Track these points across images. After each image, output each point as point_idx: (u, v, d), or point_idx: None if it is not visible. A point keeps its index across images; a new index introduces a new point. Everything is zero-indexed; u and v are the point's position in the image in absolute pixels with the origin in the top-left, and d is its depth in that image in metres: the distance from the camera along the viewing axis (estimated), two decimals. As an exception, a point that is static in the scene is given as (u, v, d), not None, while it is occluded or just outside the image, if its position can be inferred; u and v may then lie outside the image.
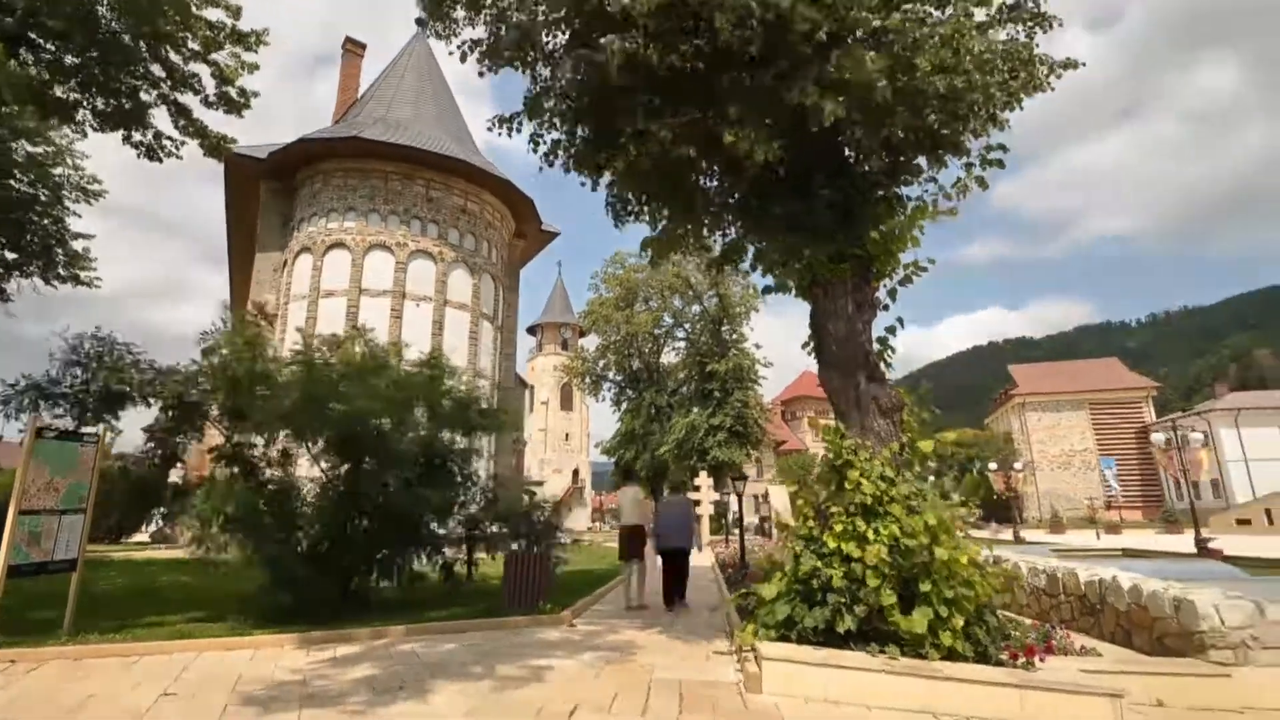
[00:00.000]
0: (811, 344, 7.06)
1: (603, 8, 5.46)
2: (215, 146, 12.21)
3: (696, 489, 30.95)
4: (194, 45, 11.63)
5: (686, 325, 43.01)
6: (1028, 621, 7.63)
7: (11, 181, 14.78)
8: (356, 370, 8.35)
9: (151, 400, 8.32)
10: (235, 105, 11.76)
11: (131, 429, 10.50)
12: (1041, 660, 5.28)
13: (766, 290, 7.23)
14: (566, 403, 62.77)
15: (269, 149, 20.00)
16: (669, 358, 46.63)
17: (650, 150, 6.13)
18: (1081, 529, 45.12)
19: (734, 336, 39.64)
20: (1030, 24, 7.05)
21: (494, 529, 9.84)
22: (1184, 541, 27.10)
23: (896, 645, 5.16)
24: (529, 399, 65.17)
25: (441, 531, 9.81)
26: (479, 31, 6.50)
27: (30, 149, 16.00)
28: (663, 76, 6.12)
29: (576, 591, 9.62)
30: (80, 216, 17.13)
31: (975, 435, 66.73)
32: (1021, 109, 7.37)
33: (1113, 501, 53.66)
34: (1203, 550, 16.65)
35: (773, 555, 10.67)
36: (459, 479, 9.12)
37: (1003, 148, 7.37)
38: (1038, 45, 7.14)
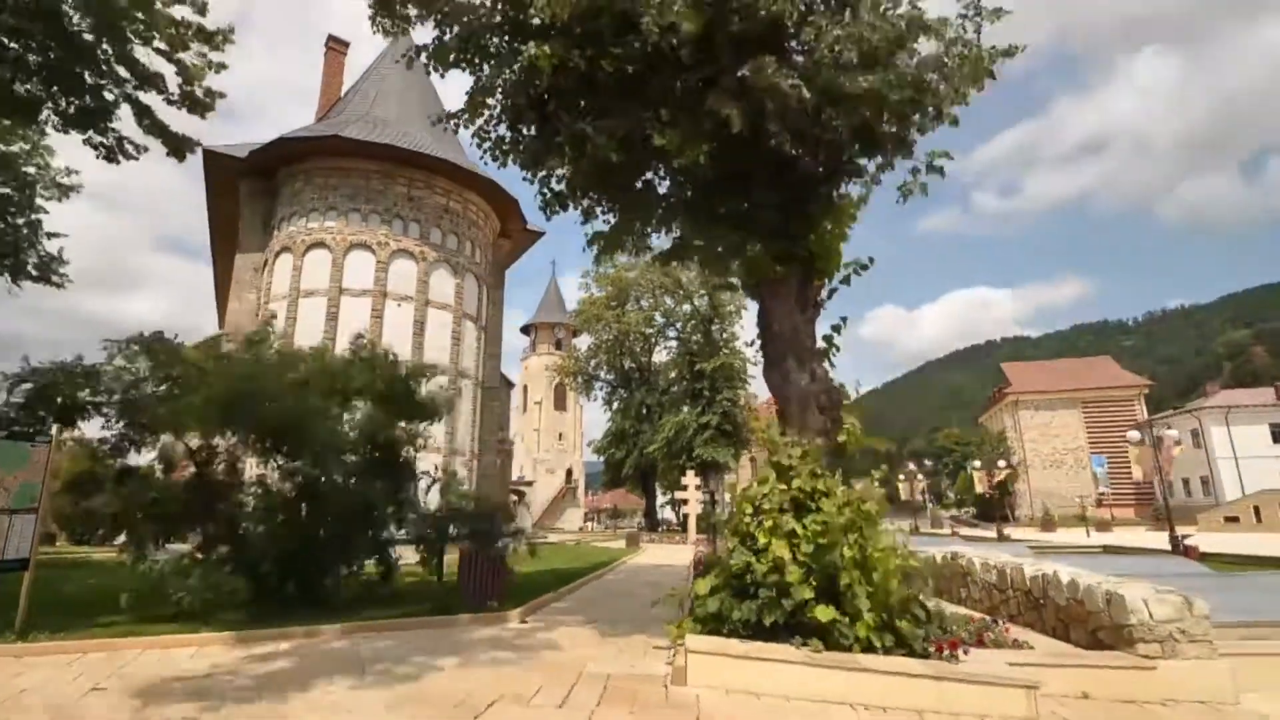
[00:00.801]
0: (759, 342, 7.12)
1: (527, 16, 5.54)
2: (178, 147, 12.21)
3: (684, 488, 30.97)
4: (160, 44, 11.63)
5: (677, 325, 43.18)
6: (979, 615, 7.72)
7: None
8: (263, 366, 8.36)
9: (105, 410, 8.39)
10: (200, 105, 11.76)
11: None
12: (965, 653, 5.34)
13: (716, 288, 7.28)
14: (560, 402, 62.81)
15: (249, 148, 20.02)
16: (660, 357, 46.88)
17: (587, 151, 6.19)
18: (1073, 527, 45.25)
19: (725, 336, 39.80)
20: (976, 17, 7.12)
21: (453, 529, 9.84)
22: (1241, 540, 27.17)
23: (821, 638, 5.23)
24: (523, 399, 65.29)
25: (400, 532, 9.84)
26: (424, 34, 6.56)
27: (2, 148, 16.01)
28: (598, 81, 6.20)
29: (540, 590, 9.68)
30: (49, 213, 17.21)
31: (954, 436, 66.96)
32: (966, 104, 7.47)
33: (1104, 499, 53.77)
34: (1177, 548, 16.72)
35: (717, 552, 10.74)
36: (407, 474, 9.11)
37: (946, 155, 7.46)
38: (977, 36, 7.23)
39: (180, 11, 11.73)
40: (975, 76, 7.00)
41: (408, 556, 10.30)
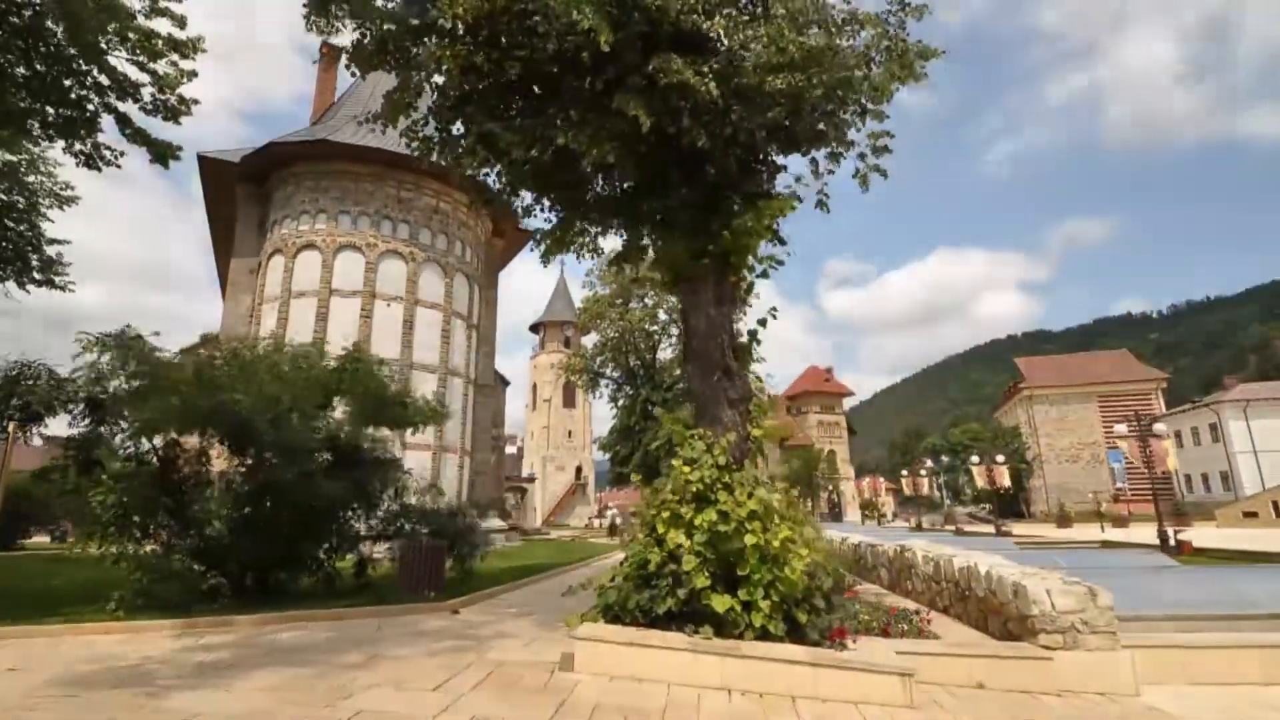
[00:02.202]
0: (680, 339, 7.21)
1: (433, 19, 5.69)
2: (162, 154, 12.59)
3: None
4: (137, 55, 12.02)
5: (679, 320, 43.05)
6: (914, 606, 7.73)
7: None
8: (238, 369, 8.63)
9: (68, 408, 8.72)
10: (175, 113, 12.13)
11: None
12: (854, 642, 5.41)
13: (634, 282, 7.38)
14: (569, 400, 63.12)
15: (242, 153, 20.50)
16: (665, 354, 46.83)
17: (502, 150, 6.34)
18: (1090, 523, 44.44)
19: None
20: (900, 12, 7.15)
21: (413, 527, 10.05)
22: (1190, 535, 26.51)
23: (714, 626, 5.33)
24: (532, 396, 65.82)
25: (360, 528, 10.08)
26: (347, 37, 6.73)
27: (5, 156, 16.63)
28: (508, 82, 6.34)
29: (495, 583, 9.89)
30: (54, 222, 17.85)
31: (971, 431, 65.97)
32: (888, 101, 7.49)
33: (1120, 495, 52.70)
34: (1166, 544, 16.45)
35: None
36: (373, 473, 9.34)
37: (889, 134, 7.50)
38: (907, 33, 7.25)
39: (161, 26, 12.15)
40: (903, 72, 7.06)
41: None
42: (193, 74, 12.21)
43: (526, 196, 8.17)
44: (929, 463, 57.84)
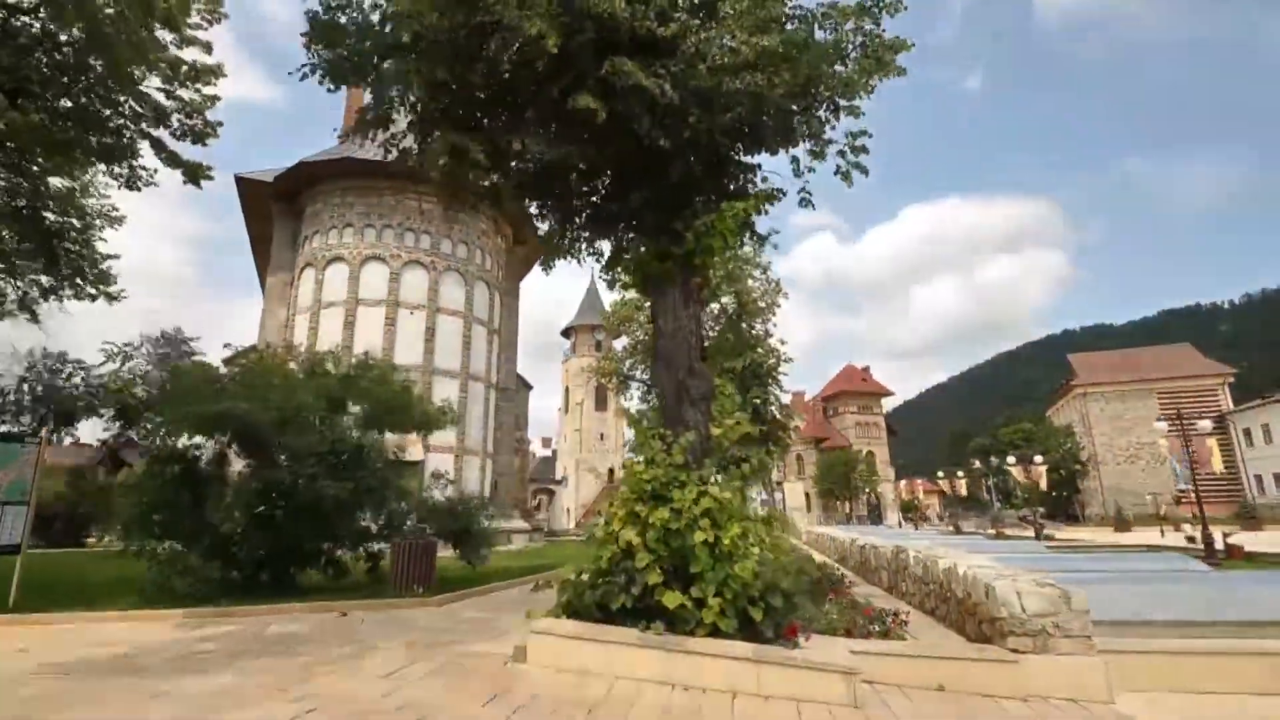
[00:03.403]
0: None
1: (396, 40, 5.96)
2: (193, 174, 13.43)
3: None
4: (169, 85, 12.86)
5: (707, 322, 43.05)
6: (903, 606, 7.61)
7: (48, 214, 16.69)
8: (251, 377, 9.12)
9: (101, 412, 9.40)
10: (202, 136, 12.93)
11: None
12: (806, 639, 5.38)
13: (610, 285, 7.50)
14: (601, 403, 63.58)
15: (275, 173, 21.55)
16: (694, 356, 46.82)
17: (471, 160, 6.58)
18: (1149, 527, 42.29)
19: (754, 333, 39.27)
20: (875, 9, 7.11)
21: (416, 525, 10.40)
22: (1251, 539, 24.94)
23: (667, 622, 5.39)
24: (565, 400, 66.61)
25: (372, 527, 10.47)
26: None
27: (62, 182, 17.97)
28: (475, 94, 6.58)
29: (488, 580, 10.17)
30: (106, 240, 19.14)
31: (1022, 431, 63.43)
32: (869, 95, 7.44)
33: (1182, 497, 49.80)
34: (1211, 548, 15.53)
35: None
36: (372, 476, 9.68)
37: (866, 133, 7.46)
38: (883, 30, 7.20)
39: (190, 54, 13.00)
40: (875, 67, 7.02)
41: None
42: (216, 99, 12.97)
43: (530, 206, 8.47)
44: (976, 463, 55.89)
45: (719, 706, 4.53)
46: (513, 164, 6.98)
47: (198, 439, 9.69)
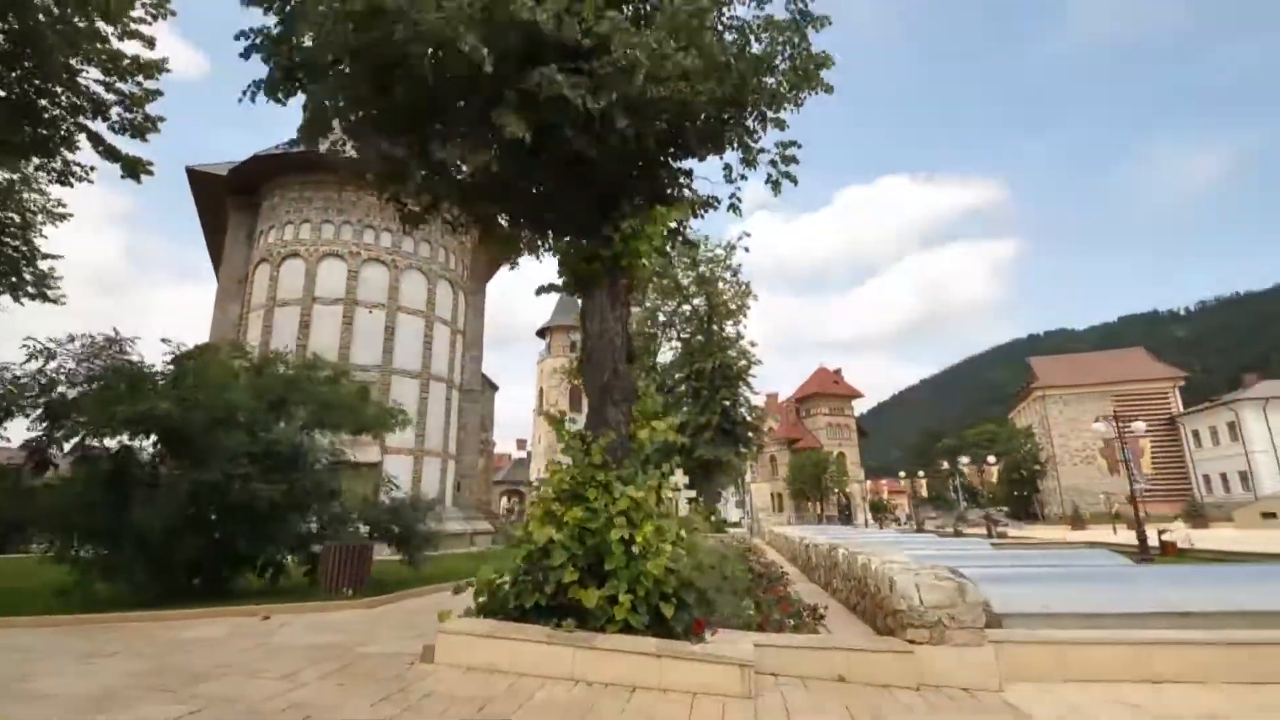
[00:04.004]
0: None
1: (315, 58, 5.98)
2: (133, 169, 13.14)
3: (677, 489, 31.19)
4: (109, 77, 12.58)
5: (678, 324, 43.30)
6: (835, 603, 7.80)
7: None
8: (183, 376, 8.97)
9: (28, 413, 9.16)
10: (141, 131, 12.67)
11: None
12: (713, 634, 5.51)
13: (541, 290, 7.56)
14: (576, 404, 63.45)
15: (230, 165, 21.16)
16: (665, 357, 47.10)
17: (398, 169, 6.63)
18: (1104, 525, 43.63)
19: (724, 334, 39.71)
20: (804, 24, 7.29)
21: (355, 528, 10.32)
22: (1207, 537, 25.90)
23: (581, 619, 5.48)
24: (539, 401, 66.34)
25: (313, 529, 10.36)
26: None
27: (3, 175, 17.39)
28: (401, 105, 6.62)
29: (431, 581, 10.14)
30: (46, 238, 18.61)
31: (986, 433, 64.99)
32: (798, 108, 7.63)
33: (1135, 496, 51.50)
34: (1145, 545, 16.15)
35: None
36: (309, 478, 9.58)
37: (795, 144, 7.65)
38: (809, 44, 7.38)
39: (131, 47, 12.72)
40: (807, 80, 7.20)
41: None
42: (158, 93, 12.73)
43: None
44: (945, 464, 57.14)
45: (615, 700, 4.62)
46: (452, 172, 7.00)
47: (138, 440, 9.52)
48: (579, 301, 7.72)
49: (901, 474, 56.06)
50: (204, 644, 6.16)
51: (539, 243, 8.26)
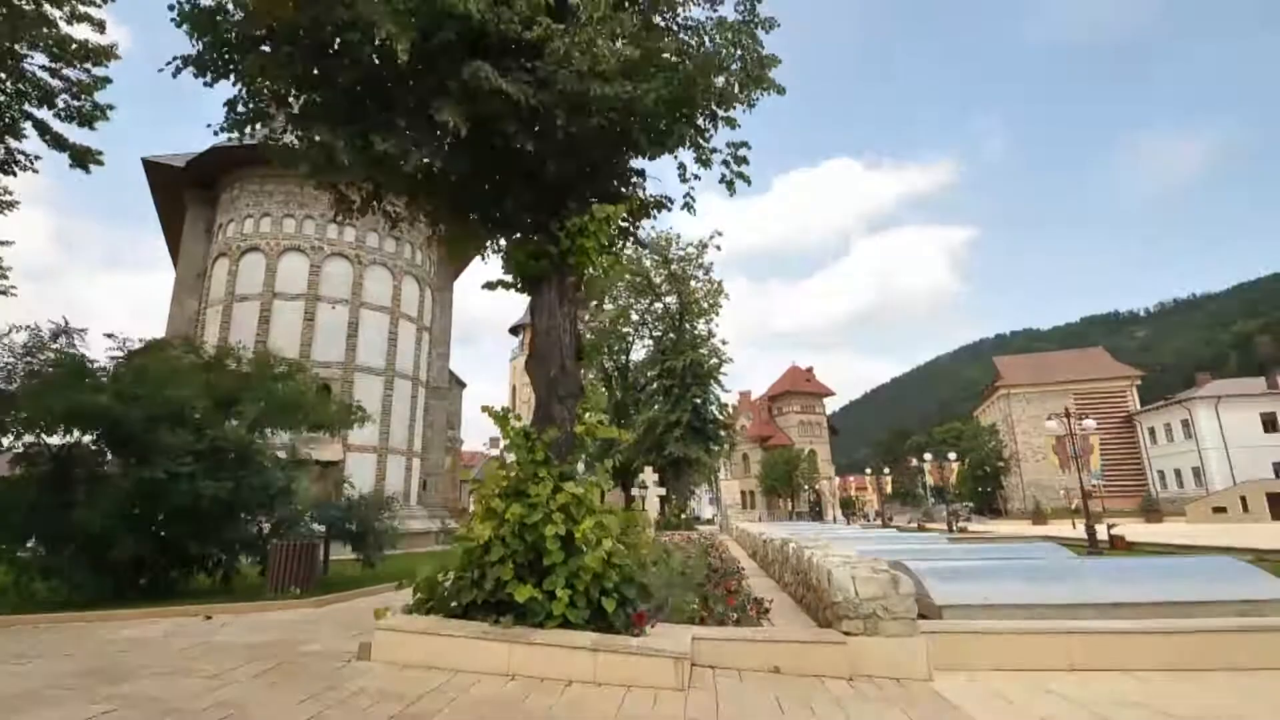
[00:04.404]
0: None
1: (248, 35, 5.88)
2: (81, 159, 12.75)
3: (644, 486, 31.38)
4: (56, 63, 12.19)
5: (650, 322, 43.43)
6: (785, 597, 7.94)
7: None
8: (127, 373, 8.77)
9: None
10: (89, 119, 12.30)
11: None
12: (653, 628, 5.59)
13: (488, 285, 7.54)
14: (549, 401, 63.26)
15: (188, 157, 20.63)
16: (639, 355, 47.24)
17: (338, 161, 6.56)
18: (1064, 520, 44.89)
19: (695, 332, 39.95)
20: (751, 25, 7.37)
21: (308, 527, 10.17)
22: (1158, 531, 26.86)
23: (519, 615, 5.50)
24: (512, 399, 65.95)
25: (265, 528, 10.17)
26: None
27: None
28: (345, 92, 6.55)
29: (386, 580, 10.06)
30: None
31: (955, 430, 66.34)
32: (750, 108, 7.73)
33: (1093, 491, 53.09)
34: (1094, 540, 16.68)
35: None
36: (257, 476, 9.40)
37: (745, 144, 7.74)
38: (760, 45, 7.47)
39: (80, 32, 12.33)
40: (758, 81, 7.29)
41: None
42: (107, 80, 12.37)
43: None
44: (914, 461, 58.25)
45: (548, 694, 4.66)
46: (396, 164, 6.92)
47: (79, 436, 9.25)
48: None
49: (868, 470, 56.89)
50: (139, 644, 6.04)
51: (488, 240, 8.23)
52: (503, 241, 7.68)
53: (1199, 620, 5.97)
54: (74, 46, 12.11)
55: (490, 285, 7.48)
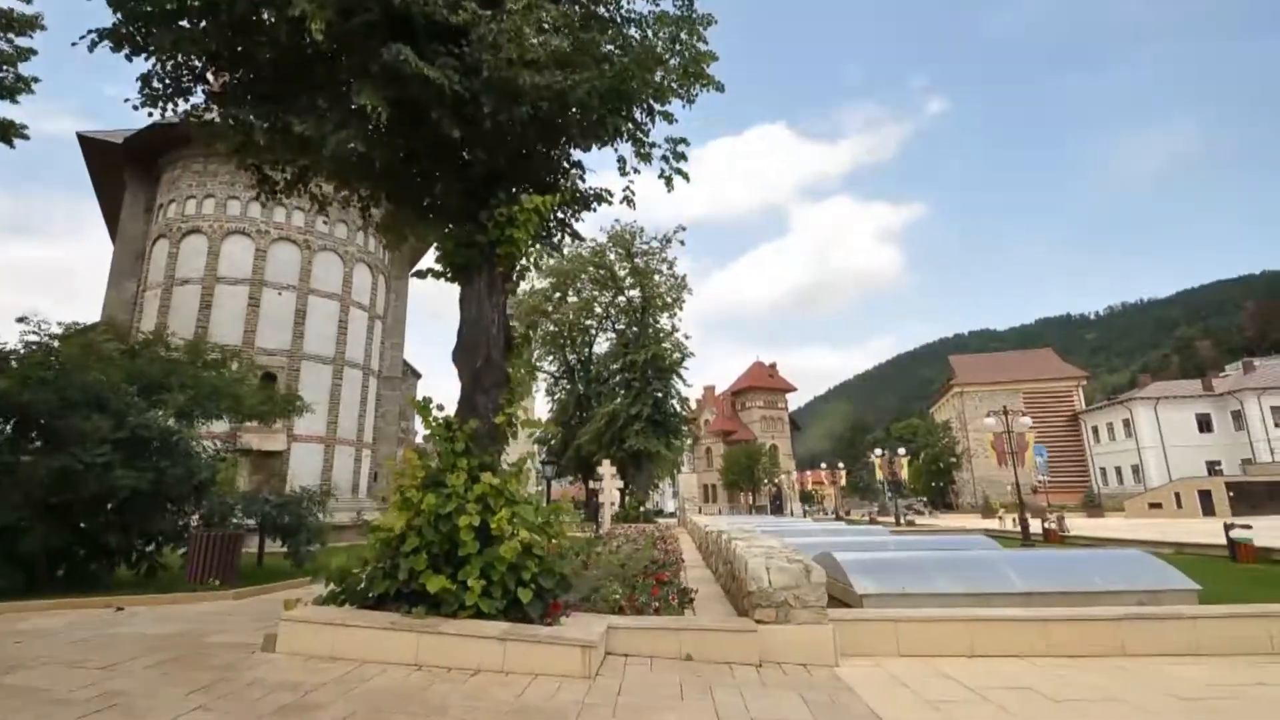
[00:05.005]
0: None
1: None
2: (4, 133, 12.12)
3: (599, 479, 31.40)
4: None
5: (614, 314, 43.41)
6: (717, 588, 8.05)
7: None
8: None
9: None
10: (11, 92, 11.69)
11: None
12: (568, 618, 5.64)
13: (419, 274, 7.46)
14: (514, 394, 62.86)
15: (126, 133, 19.80)
16: (602, 348, 47.18)
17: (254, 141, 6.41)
18: (1012, 513, 46.41)
19: (656, 326, 40.07)
20: (688, 21, 7.41)
21: (235, 520, 9.92)
22: (1096, 525, 28.00)
23: (432, 605, 5.49)
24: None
25: (192, 521, 9.88)
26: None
27: None
28: (271, 72, 6.39)
29: (311, 574, 9.92)
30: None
31: (913, 427, 68.02)
32: (690, 103, 7.78)
33: (1039, 487, 55.14)
34: (1027, 533, 17.40)
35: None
36: (179, 466, 9.11)
37: (685, 141, 7.78)
38: (696, 41, 7.51)
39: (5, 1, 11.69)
40: (697, 77, 7.33)
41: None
42: (31, 52, 11.78)
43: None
44: (871, 457, 59.52)
45: (451, 683, 4.66)
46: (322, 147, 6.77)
47: None
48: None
49: (823, 465, 57.98)
50: (38, 635, 5.83)
51: (419, 228, 8.11)
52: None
53: (1089, 609, 6.30)
54: (-7, 13, 11.49)
55: (421, 274, 7.43)
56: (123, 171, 20.70)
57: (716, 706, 4.39)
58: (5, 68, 11.85)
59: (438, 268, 7.31)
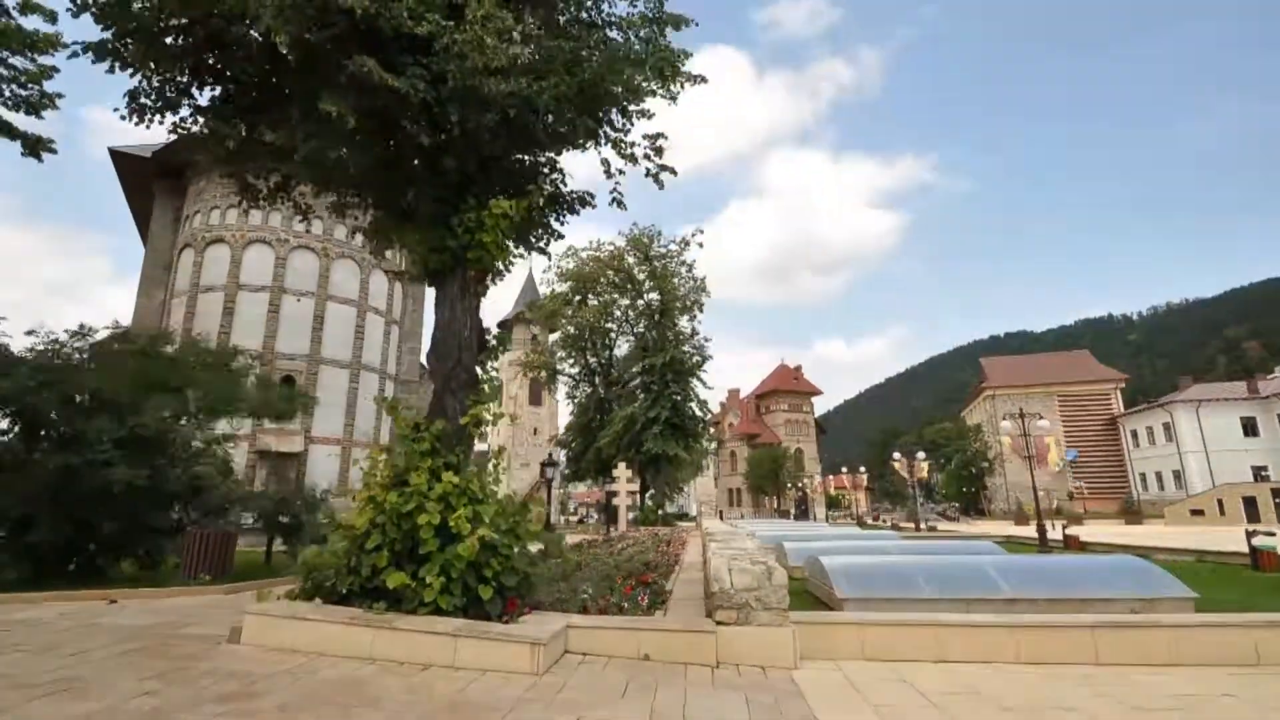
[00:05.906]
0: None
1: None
2: (34, 148, 12.81)
3: (614, 481, 31.47)
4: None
5: (632, 317, 43.49)
6: (698, 590, 8.04)
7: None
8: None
9: None
10: (37, 108, 12.36)
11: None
12: (527, 615, 5.71)
13: (395, 275, 7.65)
14: (535, 398, 63.49)
15: (155, 148, 20.66)
16: (621, 350, 47.29)
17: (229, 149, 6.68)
18: (1046, 520, 44.95)
19: (675, 329, 40.02)
20: (660, 23, 7.48)
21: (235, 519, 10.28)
22: (1128, 532, 27.05)
23: (393, 601, 5.62)
24: (503, 393, 66.07)
25: (191, 517, 10.26)
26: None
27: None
28: (245, 83, 6.65)
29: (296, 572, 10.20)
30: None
31: (945, 431, 66.54)
32: (673, 101, 7.82)
33: (1075, 493, 53.35)
34: (1044, 540, 16.88)
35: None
36: (177, 463, 9.47)
37: (663, 136, 7.84)
38: (668, 41, 7.57)
39: (31, 22, 12.39)
40: (670, 74, 7.38)
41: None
42: (54, 70, 12.43)
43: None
44: (893, 461, 58.43)
45: (401, 678, 4.76)
46: (295, 155, 7.02)
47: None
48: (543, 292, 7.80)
49: (844, 469, 57.04)
50: (28, 625, 6.15)
51: (397, 233, 8.30)
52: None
53: (1058, 616, 6.12)
54: (20, 35, 12.16)
55: (394, 275, 7.60)
56: (152, 184, 21.61)
57: (654, 706, 4.40)
58: (30, 85, 12.51)
59: (413, 270, 7.50)
